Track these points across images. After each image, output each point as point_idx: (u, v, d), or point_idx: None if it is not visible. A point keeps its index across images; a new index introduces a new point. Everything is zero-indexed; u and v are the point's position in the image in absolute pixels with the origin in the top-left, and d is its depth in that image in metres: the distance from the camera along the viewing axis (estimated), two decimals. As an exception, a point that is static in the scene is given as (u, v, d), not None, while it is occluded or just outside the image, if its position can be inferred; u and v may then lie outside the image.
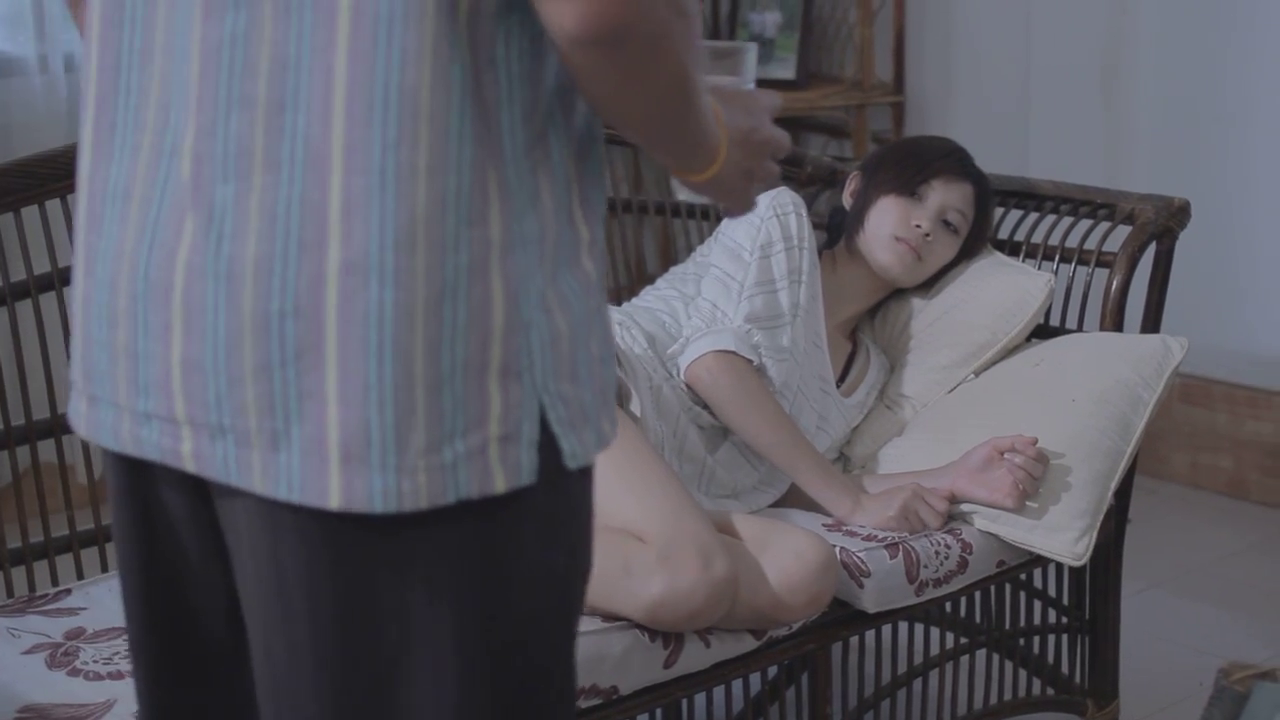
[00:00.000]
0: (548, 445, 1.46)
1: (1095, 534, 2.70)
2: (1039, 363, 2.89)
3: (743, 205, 1.74)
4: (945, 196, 2.94)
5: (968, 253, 3.01)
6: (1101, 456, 2.73)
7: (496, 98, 1.41)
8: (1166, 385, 2.82)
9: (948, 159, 2.97)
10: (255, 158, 1.40)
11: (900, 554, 2.60)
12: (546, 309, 1.44)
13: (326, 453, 1.40)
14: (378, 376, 1.39)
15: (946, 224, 2.94)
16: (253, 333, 1.40)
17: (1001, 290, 2.97)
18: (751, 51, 2.04)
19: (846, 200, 3.03)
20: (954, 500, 2.70)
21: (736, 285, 2.77)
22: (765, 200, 2.79)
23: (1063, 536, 2.68)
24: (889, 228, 2.92)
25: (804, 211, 2.83)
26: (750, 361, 2.72)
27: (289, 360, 1.40)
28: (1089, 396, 2.78)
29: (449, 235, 1.39)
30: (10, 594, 2.57)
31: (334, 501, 1.40)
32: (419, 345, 1.39)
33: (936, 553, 2.64)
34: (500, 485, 1.43)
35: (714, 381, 2.70)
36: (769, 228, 2.79)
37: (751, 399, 2.70)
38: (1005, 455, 2.67)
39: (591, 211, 1.52)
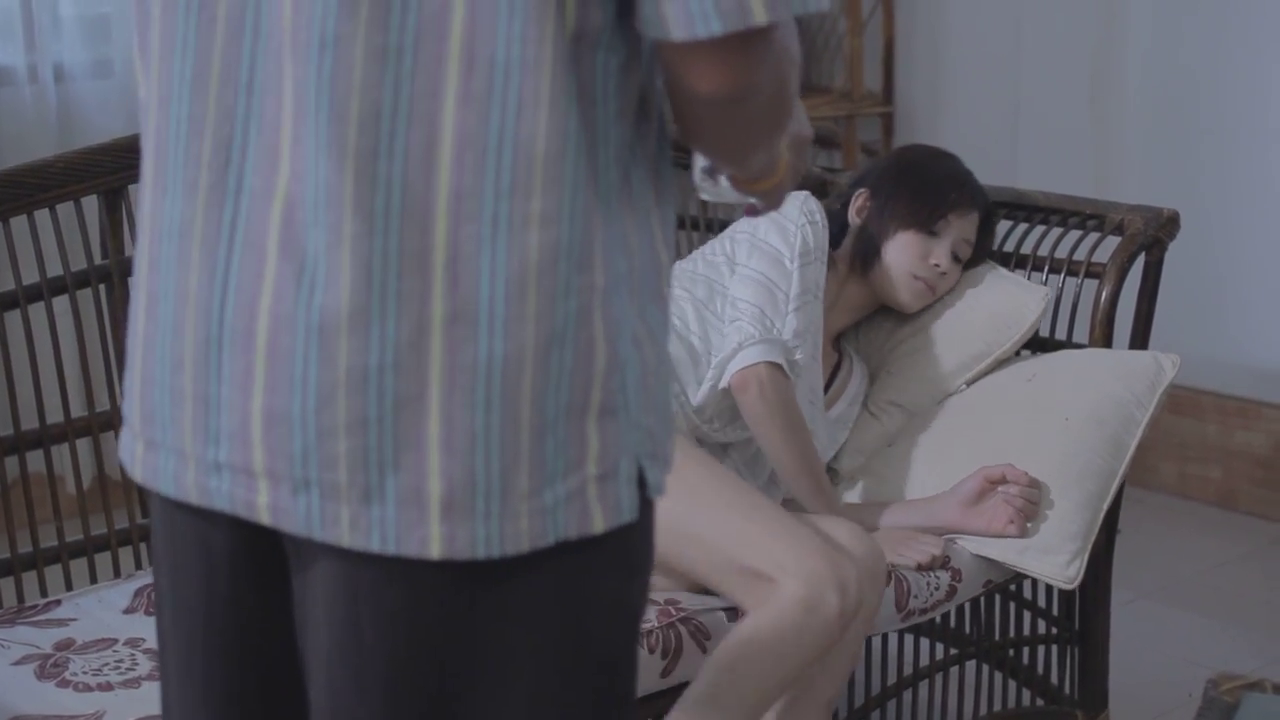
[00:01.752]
0: (638, 481, 1.45)
1: (1087, 555, 2.69)
2: (1031, 378, 2.89)
3: (778, 205, 1.75)
4: (959, 230, 2.93)
5: (966, 268, 3.01)
6: (1094, 477, 2.72)
7: (597, 139, 1.40)
8: (1159, 403, 2.82)
9: (962, 191, 2.94)
10: (345, 206, 1.36)
11: (893, 581, 2.58)
12: (638, 345, 1.44)
13: (426, 503, 1.38)
14: (485, 425, 1.37)
15: (955, 257, 2.94)
16: (348, 387, 1.37)
17: (997, 301, 2.96)
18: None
19: (853, 218, 2.96)
20: (948, 533, 2.69)
21: (783, 295, 2.72)
22: (795, 204, 2.77)
23: (1055, 559, 2.67)
24: (908, 265, 2.89)
25: (823, 219, 2.82)
26: (790, 381, 2.67)
27: (386, 414, 1.37)
28: (1082, 415, 2.77)
29: (560, 283, 1.37)
30: (-1, 605, 2.57)
31: (436, 551, 1.38)
32: (526, 393, 1.38)
33: (928, 583, 2.62)
34: (599, 525, 1.42)
35: (761, 394, 2.63)
36: (804, 234, 2.75)
37: (791, 422, 2.64)
38: (1000, 488, 2.66)
39: (669, 235, 1.51)
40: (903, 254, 2.89)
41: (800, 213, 2.77)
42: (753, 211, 1.78)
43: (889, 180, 2.96)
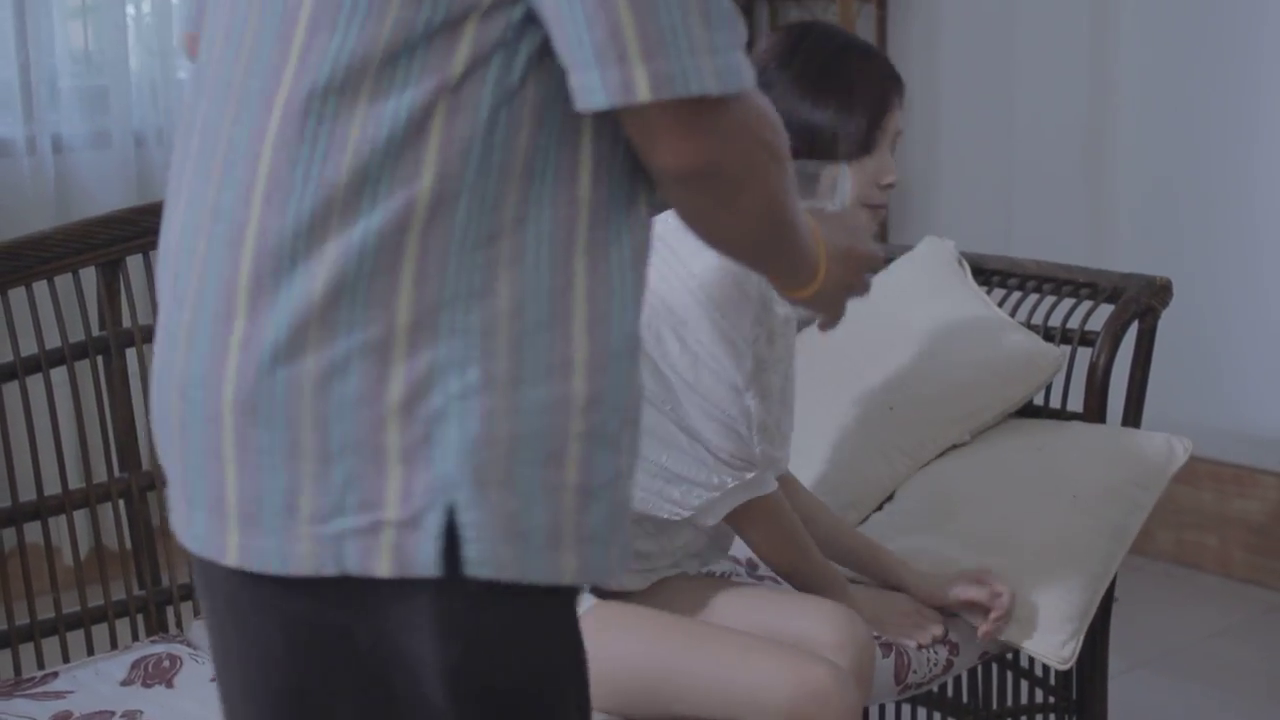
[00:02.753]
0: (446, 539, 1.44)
1: (1083, 636, 2.67)
2: (1041, 448, 2.88)
3: (837, 317, 1.86)
4: (894, 125, 2.54)
5: None
6: (1095, 559, 2.71)
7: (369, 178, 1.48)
8: (1165, 487, 2.82)
9: (882, 82, 2.52)
10: (201, 236, 1.51)
11: (893, 654, 2.56)
12: (468, 397, 1.43)
13: (227, 513, 1.48)
14: (269, 444, 1.45)
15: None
16: (179, 404, 1.53)
17: (1011, 355, 2.96)
18: (845, 173, 2.15)
19: None
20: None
21: (741, 392, 2.43)
22: (748, 313, 2.43)
23: (1051, 639, 2.65)
24: (856, 199, 2.46)
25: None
26: (775, 489, 2.49)
27: (195, 427, 1.51)
28: (1089, 495, 2.76)
29: (342, 318, 1.44)
30: (-5, 676, 2.56)
31: (231, 559, 1.49)
32: (306, 419, 1.44)
33: (927, 658, 2.61)
34: (384, 569, 1.44)
35: (757, 531, 2.48)
36: (758, 349, 2.45)
37: (796, 543, 2.50)
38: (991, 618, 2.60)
39: (536, 279, 1.50)
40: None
41: (753, 324, 2.44)
42: (824, 325, 1.90)
43: (800, 107, 2.48)
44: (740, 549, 2.69)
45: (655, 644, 2.33)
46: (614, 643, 2.31)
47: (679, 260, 2.40)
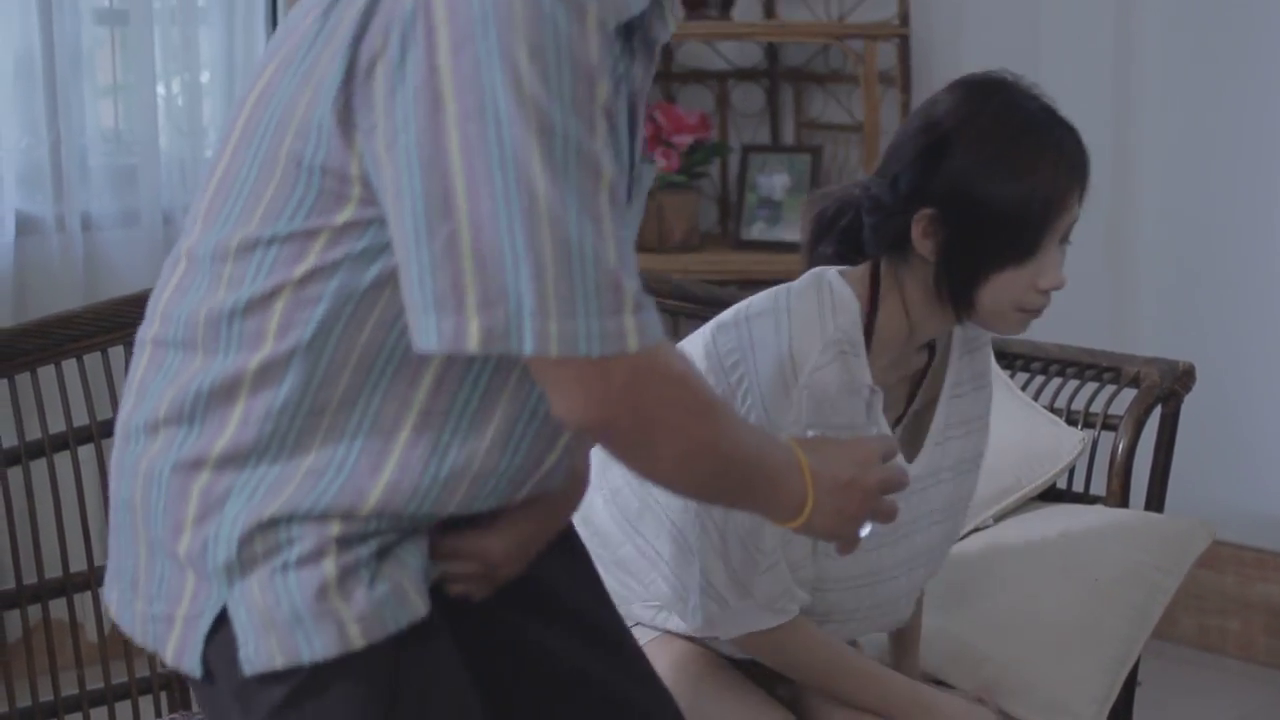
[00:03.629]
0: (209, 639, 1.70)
1: (1105, 718, 2.66)
2: (1063, 532, 2.86)
3: (848, 544, 1.88)
4: (1065, 221, 2.27)
5: None
6: (1118, 643, 2.70)
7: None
8: (1187, 572, 2.81)
9: (1057, 182, 2.22)
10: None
11: None
12: (254, 531, 1.67)
13: (114, 578, 1.81)
14: (120, 523, 1.77)
15: (1064, 243, 2.31)
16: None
17: (1034, 439, 2.96)
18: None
19: (919, 245, 2.22)
20: None
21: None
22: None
23: None
24: (1012, 302, 2.25)
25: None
26: (801, 623, 2.30)
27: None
28: (1111, 578, 2.74)
29: (172, 438, 1.72)
30: (19, 753, 2.57)
31: (111, 614, 1.82)
32: (139, 512, 1.72)
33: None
34: (169, 655, 1.72)
35: (779, 658, 2.34)
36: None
37: (828, 666, 2.33)
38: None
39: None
40: (1004, 294, 2.23)
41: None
42: (839, 550, 1.92)
43: (958, 204, 2.21)
44: None
45: None
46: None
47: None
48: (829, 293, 2.26)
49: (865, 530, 1.88)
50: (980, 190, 2.19)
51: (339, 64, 1.57)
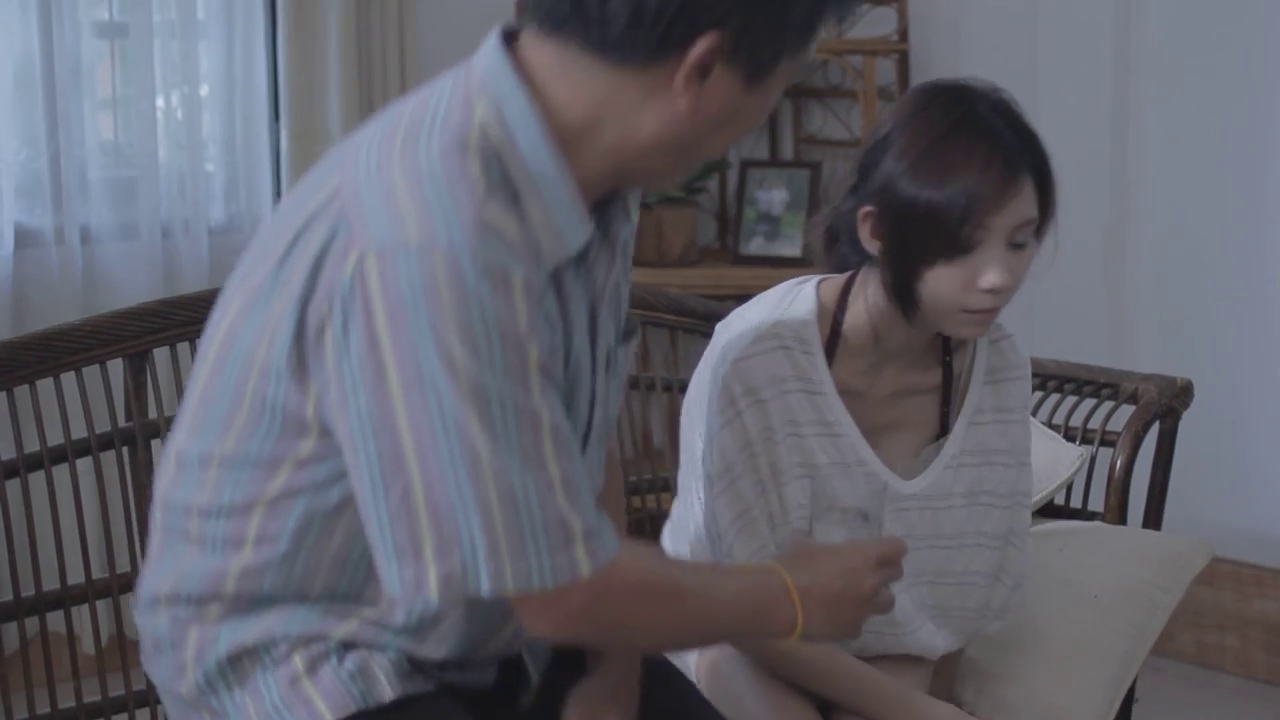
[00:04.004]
0: None
1: None
2: (1061, 549, 2.86)
3: (850, 637, 2.01)
4: (1010, 219, 2.25)
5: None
6: (1117, 660, 2.70)
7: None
8: (1186, 590, 2.82)
9: (987, 173, 2.22)
10: None
11: None
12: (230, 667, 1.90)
13: None
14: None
15: (1017, 245, 2.28)
16: None
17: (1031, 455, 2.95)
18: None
19: (868, 243, 2.29)
20: None
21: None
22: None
23: None
24: (951, 302, 2.25)
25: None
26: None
27: None
28: (1111, 595, 2.75)
29: (183, 605, 1.92)
30: (16, 765, 2.57)
31: None
32: (166, 647, 1.95)
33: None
34: None
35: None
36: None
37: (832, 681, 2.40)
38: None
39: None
40: (943, 291, 2.24)
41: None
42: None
43: (889, 201, 2.25)
44: None
45: None
46: None
47: None
48: (792, 294, 2.39)
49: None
50: (905, 188, 2.23)
51: (290, 322, 1.71)
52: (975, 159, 2.22)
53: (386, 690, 1.84)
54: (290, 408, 1.74)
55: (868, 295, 2.34)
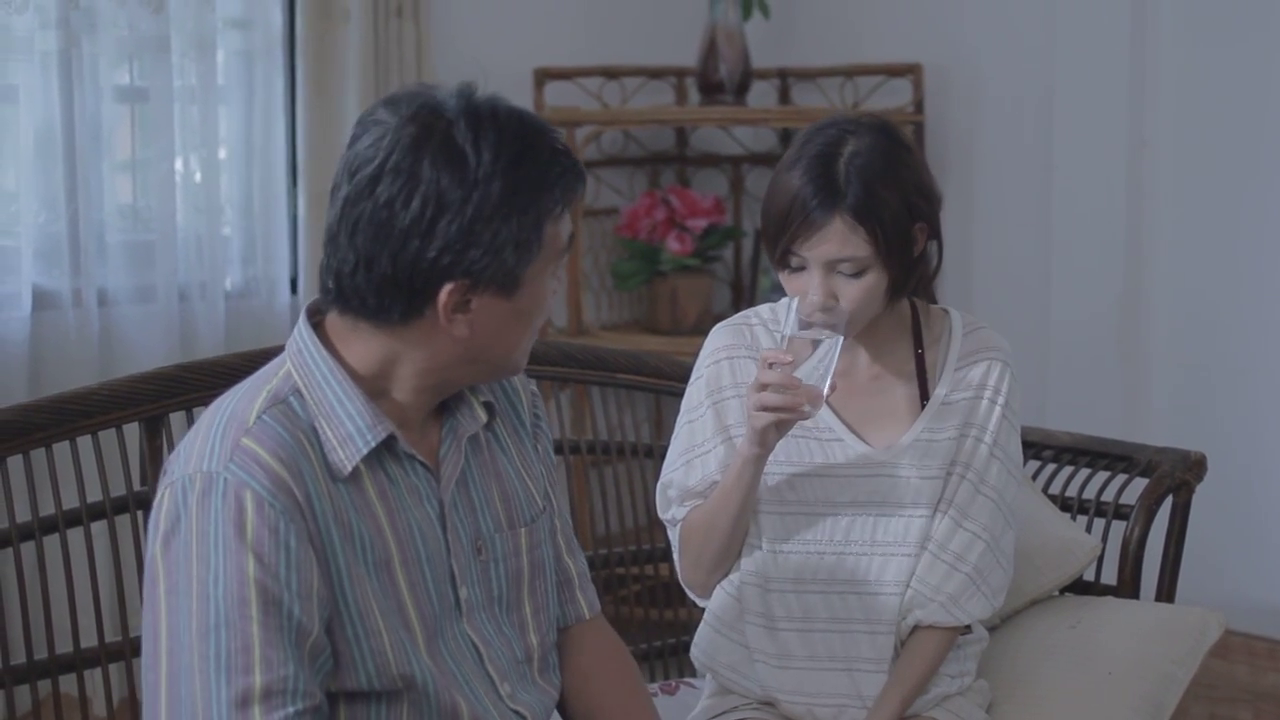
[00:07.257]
0: None
1: None
2: (1075, 624, 2.86)
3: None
4: (822, 254, 2.43)
5: (902, 274, 2.48)
6: (1133, 737, 2.70)
7: None
8: (1200, 663, 2.81)
9: (789, 217, 2.43)
10: None
11: None
12: None
13: None
14: None
15: (839, 272, 2.45)
16: None
17: (1047, 544, 2.95)
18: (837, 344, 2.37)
19: None
20: None
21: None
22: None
23: None
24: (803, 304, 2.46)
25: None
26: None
27: None
28: (1124, 670, 2.74)
29: None
30: (25, 829, 2.56)
31: None
32: None
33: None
34: None
35: None
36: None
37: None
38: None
39: None
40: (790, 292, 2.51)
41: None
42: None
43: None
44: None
45: None
46: None
47: None
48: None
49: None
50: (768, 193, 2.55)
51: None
52: (778, 203, 2.47)
53: None
54: None
55: None
